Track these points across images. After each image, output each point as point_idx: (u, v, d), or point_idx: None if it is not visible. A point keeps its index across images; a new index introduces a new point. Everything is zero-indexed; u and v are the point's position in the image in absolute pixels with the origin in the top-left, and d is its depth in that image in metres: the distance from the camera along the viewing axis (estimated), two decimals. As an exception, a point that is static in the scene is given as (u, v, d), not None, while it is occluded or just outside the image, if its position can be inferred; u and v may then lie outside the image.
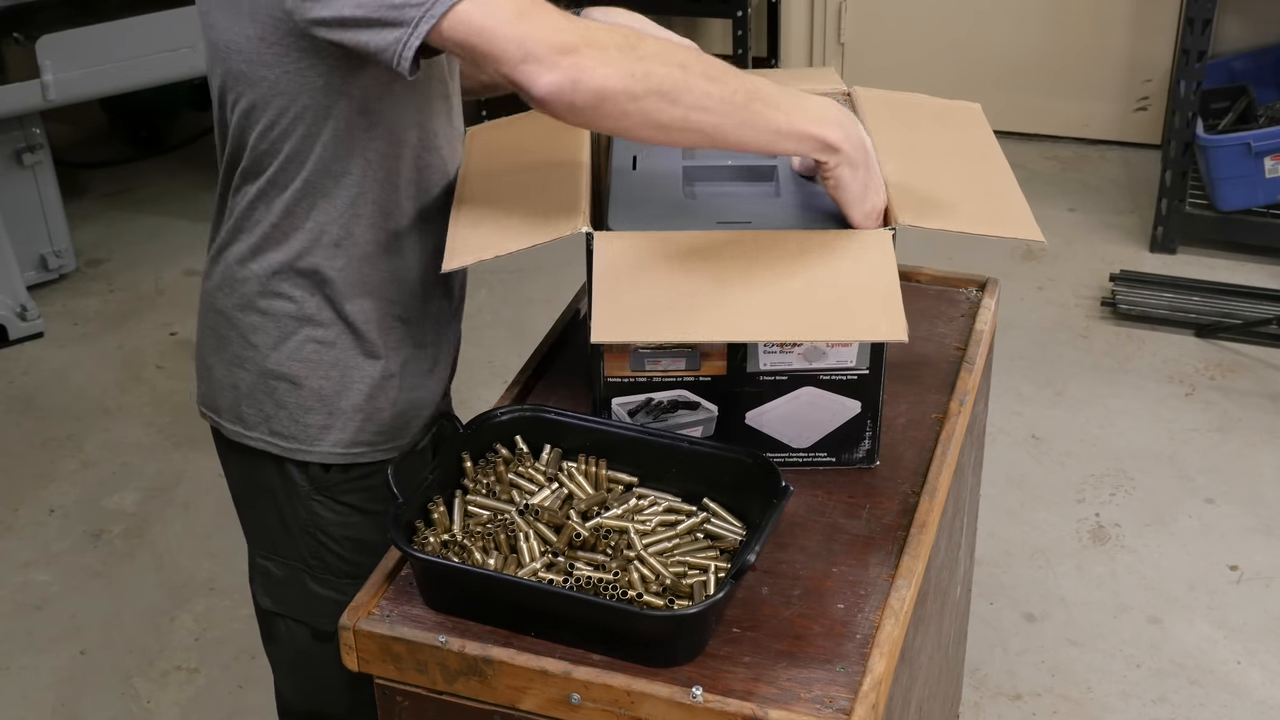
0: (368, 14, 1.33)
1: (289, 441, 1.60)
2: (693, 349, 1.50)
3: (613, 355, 1.51)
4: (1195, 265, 3.72)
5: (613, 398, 1.54)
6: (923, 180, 1.56)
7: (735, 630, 1.36)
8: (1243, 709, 2.46)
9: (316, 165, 1.48)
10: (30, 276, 3.77)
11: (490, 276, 3.75)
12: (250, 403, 1.60)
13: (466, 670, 1.35)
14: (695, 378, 1.52)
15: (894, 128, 1.66)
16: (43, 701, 2.58)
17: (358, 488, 1.63)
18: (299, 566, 1.67)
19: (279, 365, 1.57)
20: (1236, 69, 3.94)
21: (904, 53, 4.45)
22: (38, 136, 3.66)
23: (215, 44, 1.46)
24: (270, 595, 1.72)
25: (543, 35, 1.31)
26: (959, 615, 2.09)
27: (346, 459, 1.61)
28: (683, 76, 1.34)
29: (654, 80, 1.33)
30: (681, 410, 1.54)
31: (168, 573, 2.87)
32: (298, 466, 1.61)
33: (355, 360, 1.58)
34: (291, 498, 1.64)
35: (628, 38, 1.34)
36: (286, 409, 1.59)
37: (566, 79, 1.31)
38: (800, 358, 1.49)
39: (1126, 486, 2.99)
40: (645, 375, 1.53)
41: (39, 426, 3.33)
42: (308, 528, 1.64)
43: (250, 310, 1.56)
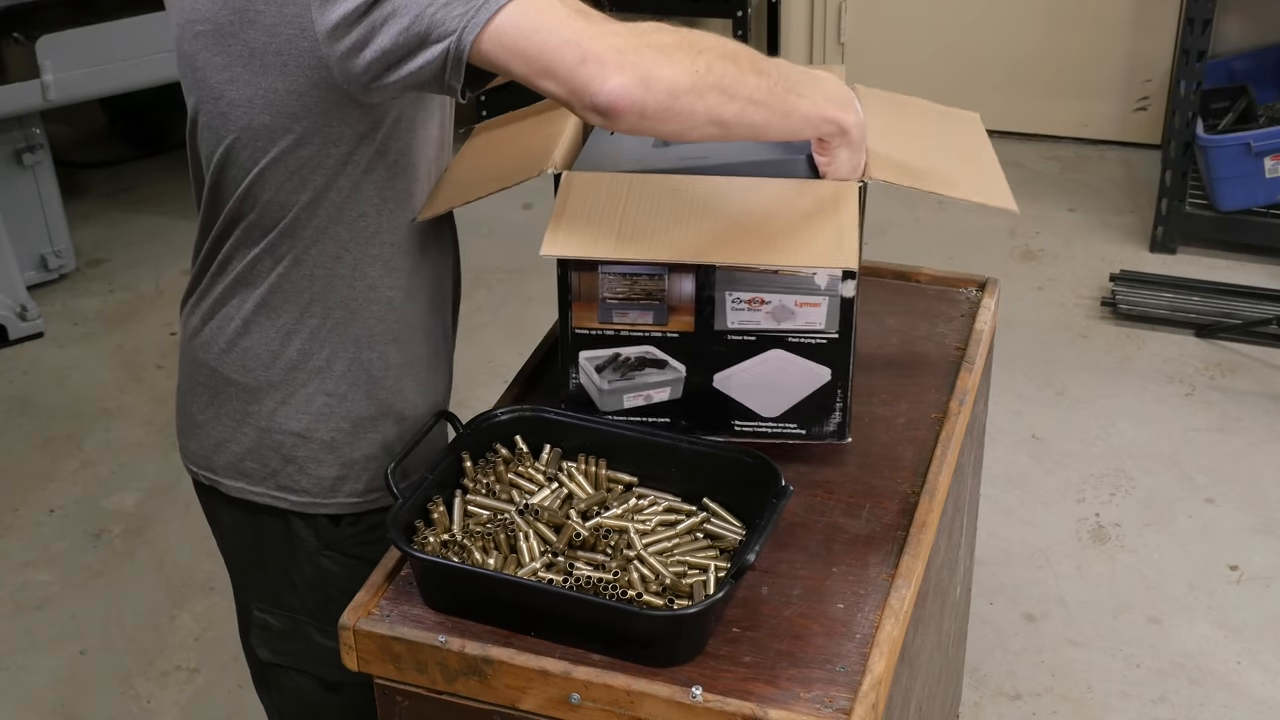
0: (409, 36, 1.28)
1: (299, 495, 1.56)
2: (659, 301, 1.49)
3: (581, 305, 1.51)
4: (1195, 265, 3.72)
5: (580, 350, 1.53)
6: (906, 151, 1.58)
7: (735, 630, 1.36)
8: (1243, 709, 2.46)
9: (333, 214, 1.44)
10: (30, 276, 3.77)
11: (489, 276, 3.74)
12: (254, 458, 1.55)
13: (466, 670, 1.35)
14: (663, 333, 1.51)
15: (889, 114, 1.68)
16: (43, 701, 2.58)
17: (369, 539, 1.58)
18: (304, 620, 1.63)
19: (286, 420, 1.53)
20: (1236, 69, 3.94)
21: (904, 53, 4.45)
22: (38, 136, 3.66)
23: (232, 101, 1.39)
24: (270, 648, 1.68)
25: (601, 34, 1.26)
26: (959, 615, 2.09)
27: (361, 508, 1.58)
28: (737, 71, 1.32)
29: (715, 74, 1.30)
30: (649, 368, 1.53)
31: (168, 573, 2.87)
32: (305, 521, 1.57)
33: (367, 408, 1.55)
34: (297, 553, 1.59)
35: (679, 33, 1.31)
36: (295, 463, 1.54)
37: (637, 78, 1.26)
38: (769, 316, 1.49)
39: (1126, 486, 2.99)
40: (613, 328, 1.52)
41: (39, 426, 3.33)
42: (315, 582, 1.60)
43: (254, 366, 1.52)
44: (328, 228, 1.45)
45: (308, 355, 1.51)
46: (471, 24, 1.26)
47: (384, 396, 1.55)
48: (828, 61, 4.54)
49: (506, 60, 1.29)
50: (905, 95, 1.78)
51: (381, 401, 1.56)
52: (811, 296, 1.48)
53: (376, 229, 1.48)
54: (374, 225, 1.47)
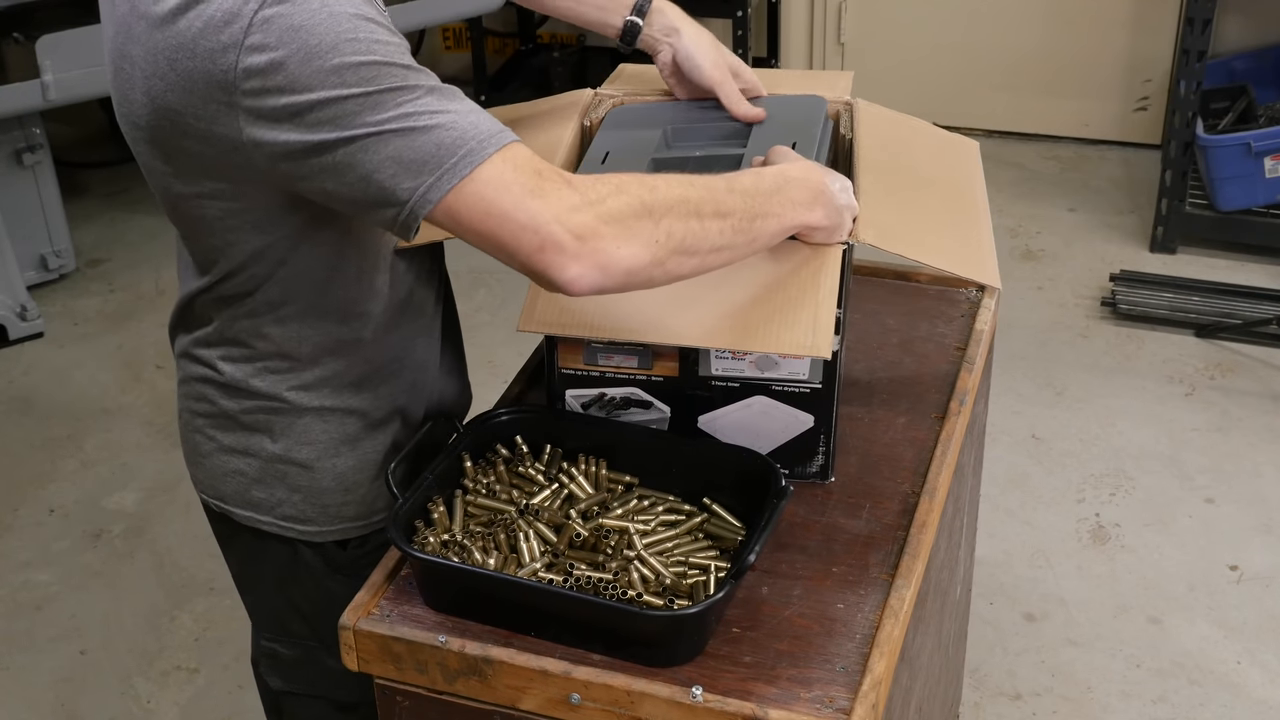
0: (354, 192, 1.25)
1: (305, 525, 1.55)
2: (644, 347, 1.50)
3: (566, 347, 1.52)
4: (1195, 265, 3.72)
5: (567, 389, 1.54)
6: (897, 203, 1.56)
7: (735, 630, 1.36)
8: (1243, 709, 2.46)
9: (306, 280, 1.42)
10: (30, 276, 3.77)
11: (489, 276, 3.74)
12: (261, 488, 1.54)
13: (466, 670, 1.35)
14: (648, 377, 1.52)
15: (885, 147, 1.66)
16: (43, 701, 2.58)
17: (377, 558, 1.54)
18: (314, 645, 1.63)
19: (287, 451, 1.52)
20: (1236, 69, 3.94)
21: (904, 53, 4.45)
22: (38, 136, 3.67)
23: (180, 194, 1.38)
24: (281, 676, 1.68)
25: (556, 214, 1.23)
26: (959, 615, 2.09)
27: (367, 529, 1.57)
28: (699, 225, 1.30)
29: (675, 240, 1.29)
30: (635, 408, 1.54)
31: (168, 573, 2.87)
32: (311, 548, 1.57)
33: (365, 434, 1.53)
34: (303, 580, 1.59)
35: (640, 197, 1.27)
36: (300, 492, 1.54)
37: (595, 265, 1.25)
38: (752, 366, 1.50)
39: (1126, 486, 2.99)
40: (598, 370, 1.53)
41: (39, 426, 3.33)
42: (323, 607, 1.58)
43: (249, 403, 1.50)
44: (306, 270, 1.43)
45: (305, 389, 1.49)
46: (422, 200, 1.24)
47: (383, 422, 1.54)
48: (828, 62, 4.54)
49: (461, 233, 1.27)
50: (905, 116, 1.77)
51: (382, 427, 1.55)
52: (789, 353, 1.46)
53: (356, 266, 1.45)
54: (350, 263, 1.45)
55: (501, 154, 1.24)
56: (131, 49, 1.30)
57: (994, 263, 1.58)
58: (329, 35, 1.21)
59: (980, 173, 1.73)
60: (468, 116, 1.24)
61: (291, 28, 1.20)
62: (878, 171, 1.59)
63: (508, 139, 1.25)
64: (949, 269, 1.54)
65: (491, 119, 1.26)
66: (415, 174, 1.23)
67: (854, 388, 1.71)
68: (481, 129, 1.24)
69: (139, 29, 1.28)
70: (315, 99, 1.21)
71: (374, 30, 1.23)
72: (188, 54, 1.24)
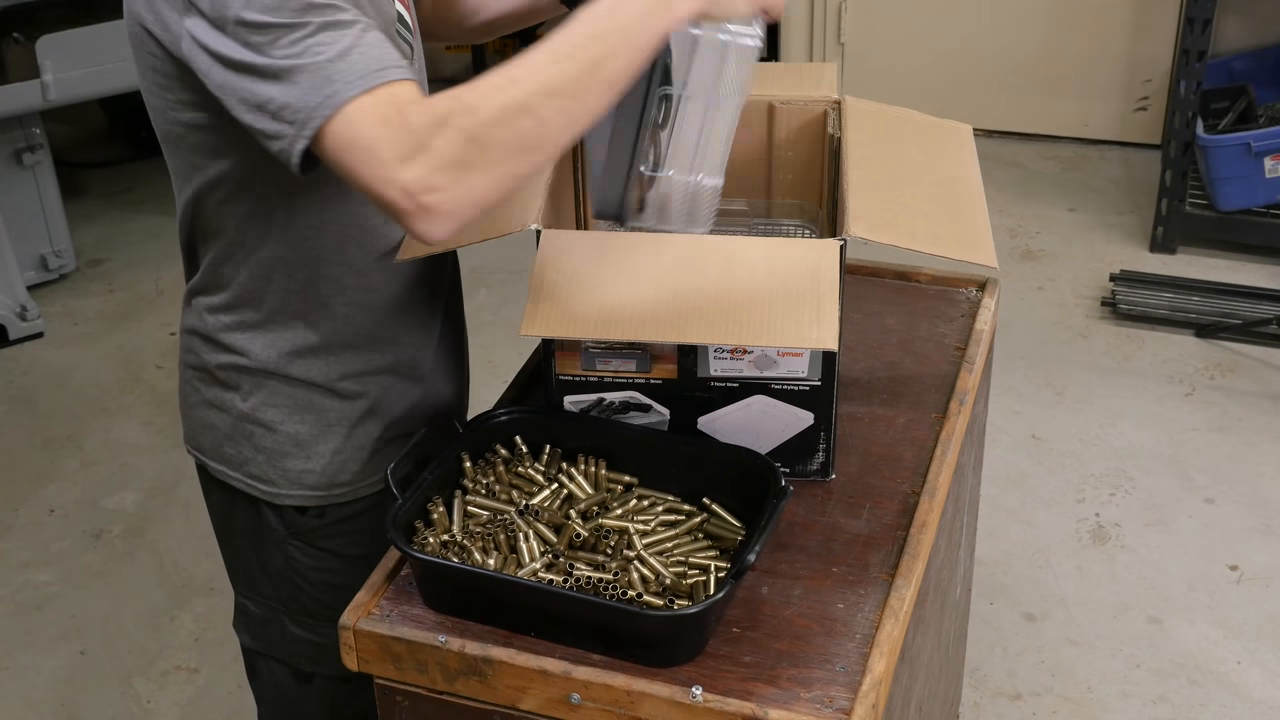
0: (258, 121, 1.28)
1: (266, 485, 1.58)
2: (642, 350, 1.50)
3: (564, 353, 1.52)
4: (1195, 265, 3.72)
5: (565, 395, 1.54)
6: (889, 195, 1.56)
7: (735, 630, 1.36)
8: (1243, 709, 2.46)
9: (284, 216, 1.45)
10: (30, 276, 3.77)
11: (489, 276, 3.74)
12: (231, 444, 1.58)
13: (466, 670, 1.35)
14: (646, 380, 1.52)
15: (874, 141, 1.66)
16: (43, 701, 2.58)
17: (335, 532, 1.60)
18: (277, 608, 1.65)
19: (253, 411, 1.55)
20: (1236, 69, 3.94)
21: (904, 53, 4.45)
22: (38, 136, 3.67)
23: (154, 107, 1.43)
24: (250, 634, 1.70)
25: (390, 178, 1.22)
26: (959, 615, 2.09)
27: (325, 500, 1.59)
28: (532, 122, 1.24)
29: (511, 152, 1.24)
30: (634, 412, 1.54)
31: (168, 573, 2.87)
32: (274, 510, 1.59)
33: (330, 403, 1.56)
34: (267, 541, 1.61)
35: (462, 127, 1.21)
36: (264, 453, 1.57)
37: (438, 217, 1.23)
38: (751, 365, 1.49)
39: (1126, 486, 2.99)
40: (596, 375, 1.53)
41: (39, 426, 3.33)
42: (284, 571, 1.62)
43: (224, 357, 1.54)
44: (282, 232, 1.46)
45: (273, 348, 1.53)
46: (289, 151, 1.26)
47: (352, 396, 1.56)
48: (828, 62, 4.54)
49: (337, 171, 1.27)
50: (894, 108, 1.76)
51: (350, 401, 1.56)
52: (794, 347, 1.47)
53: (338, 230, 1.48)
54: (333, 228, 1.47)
55: (355, 104, 1.22)
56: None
57: (990, 243, 1.55)
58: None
59: (974, 156, 1.71)
60: (347, 54, 1.24)
61: None
62: (867, 165, 1.59)
63: (357, 89, 1.23)
64: (943, 254, 1.52)
65: (368, 54, 1.25)
66: (280, 119, 1.25)
67: (854, 387, 1.71)
68: (353, 69, 1.23)
69: None
70: (231, 15, 1.25)
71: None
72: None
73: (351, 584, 1.47)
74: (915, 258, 1.58)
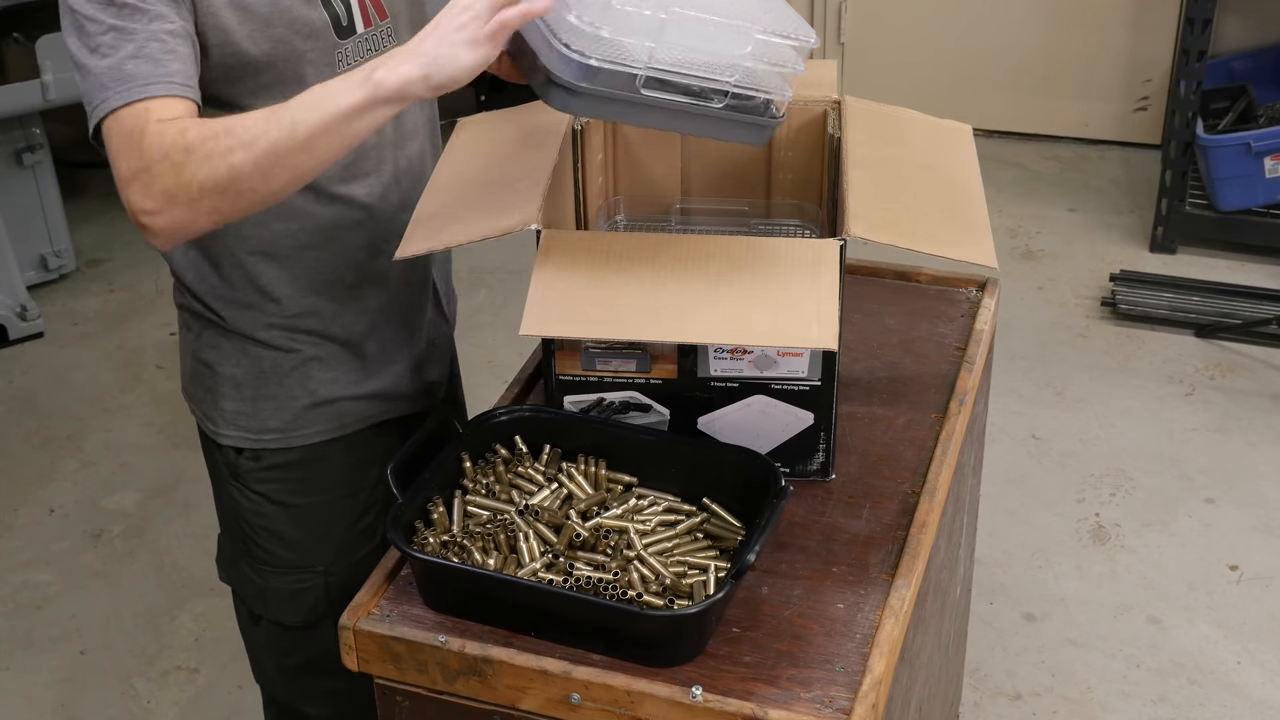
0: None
1: (211, 424, 1.67)
2: (642, 350, 1.50)
3: (564, 353, 1.52)
4: (1195, 265, 3.72)
5: (565, 395, 1.54)
6: (889, 195, 1.55)
7: (735, 630, 1.36)
8: (1243, 709, 2.46)
9: None
10: (30, 276, 3.77)
11: (489, 276, 3.74)
12: (194, 386, 1.70)
13: (466, 670, 1.35)
14: (646, 380, 1.52)
15: (874, 141, 1.66)
16: (43, 701, 2.58)
17: (269, 478, 1.67)
18: (237, 547, 1.74)
19: (200, 352, 1.66)
20: (1236, 69, 3.94)
21: (904, 53, 4.45)
22: (38, 136, 3.66)
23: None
24: (224, 570, 1.80)
25: (121, 189, 1.39)
26: (959, 615, 2.09)
27: (256, 444, 1.66)
28: (233, 175, 1.35)
29: (210, 192, 1.36)
30: (634, 412, 1.55)
31: (168, 573, 2.87)
32: (218, 449, 1.68)
33: (262, 352, 1.63)
34: (219, 480, 1.71)
35: (176, 161, 1.35)
36: (211, 393, 1.67)
37: (154, 233, 1.40)
38: (751, 365, 1.50)
39: (1126, 486, 2.99)
40: (596, 375, 1.53)
41: (39, 426, 3.33)
42: (231, 512, 1.72)
43: (182, 299, 1.66)
44: None
45: (214, 295, 1.61)
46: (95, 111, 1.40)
47: (283, 348, 1.63)
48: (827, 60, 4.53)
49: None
50: (894, 108, 1.76)
51: (281, 353, 1.63)
52: (794, 346, 1.47)
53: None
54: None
55: (115, 115, 1.38)
56: None
57: (989, 244, 1.55)
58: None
59: (974, 156, 1.71)
60: (122, 64, 1.37)
61: None
62: (866, 165, 1.59)
63: (118, 101, 1.37)
64: (943, 254, 1.52)
65: (140, 67, 1.38)
66: (84, 98, 1.41)
67: (854, 387, 1.71)
68: (125, 78, 1.37)
69: None
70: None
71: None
72: None
73: (286, 533, 1.64)
74: (915, 257, 1.58)
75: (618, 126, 1.79)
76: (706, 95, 1.37)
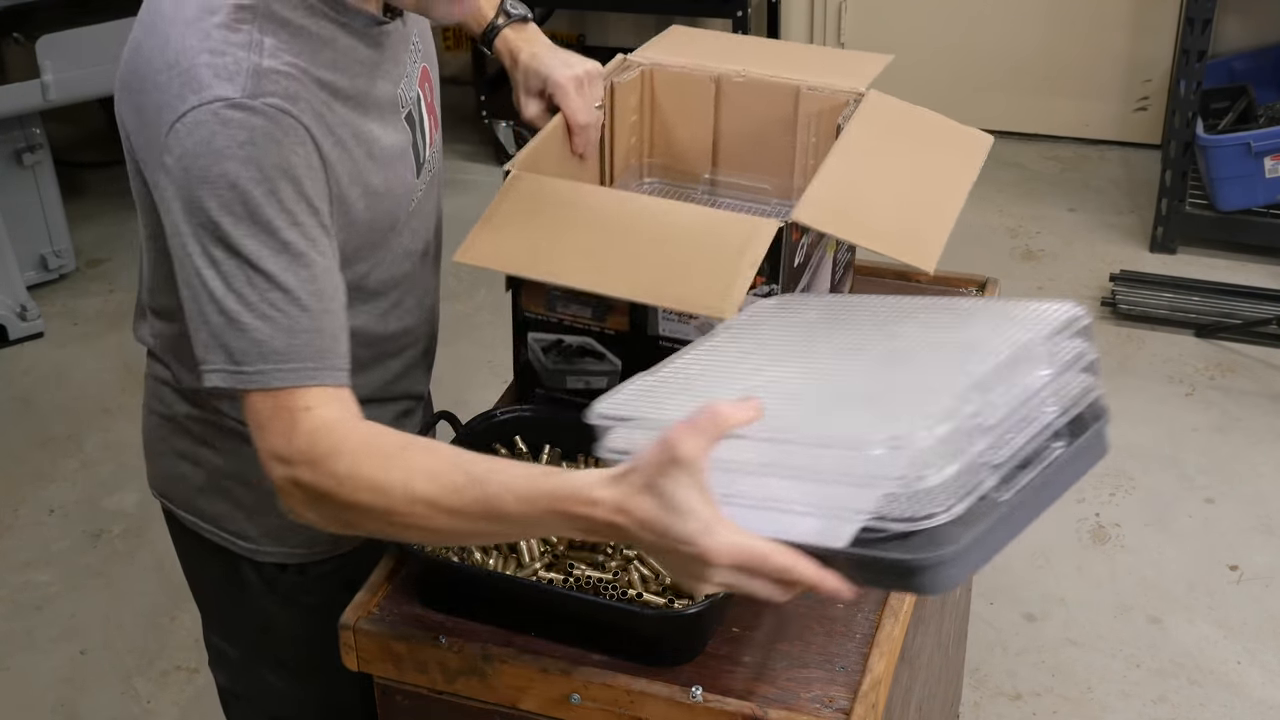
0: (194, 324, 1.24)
1: (245, 542, 1.53)
2: (597, 300, 1.55)
3: (530, 291, 1.59)
4: (1195, 265, 3.72)
5: (529, 332, 1.61)
6: (850, 187, 1.56)
7: (735, 630, 1.36)
8: (1243, 709, 2.46)
9: None
10: (30, 276, 3.77)
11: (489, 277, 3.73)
12: (205, 498, 1.53)
13: (466, 670, 1.35)
14: (601, 329, 1.57)
15: (873, 136, 1.67)
16: (43, 701, 2.58)
17: (316, 587, 1.55)
18: (255, 656, 1.62)
19: (231, 467, 1.49)
20: (1236, 69, 3.94)
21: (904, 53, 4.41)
22: (38, 136, 3.66)
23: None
24: (227, 675, 1.68)
25: (264, 461, 1.23)
26: (959, 615, 2.09)
27: (307, 558, 1.54)
28: (380, 526, 1.20)
29: (348, 525, 1.22)
30: (589, 358, 1.59)
31: (168, 573, 2.87)
32: (252, 566, 1.54)
33: None
34: (244, 594, 1.57)
35: (321, 482, 1.19)
36: (243, 509, 1.51)
37: (294, 515, 1.24)
38: (696, 330, 1.52)
39: (1126, 486, 2.99)
40: (558, 316, 1.58)
41: (39, 426, 3.33)
42: (262, 624, 1.58)
43: (198, 411, 1.49)
44: None
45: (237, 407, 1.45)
46: (206, 374, 1.24)
47: None
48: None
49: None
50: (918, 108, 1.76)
51: None
52: (690, 310, 1.48)
53: None
54: None
55: (271, 393, 1.21)
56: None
57: (936, 251, 1.51)
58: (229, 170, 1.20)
59: (977, 166, 1.70)
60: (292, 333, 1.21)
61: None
62: (849, 155, 1.60)
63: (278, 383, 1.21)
64: (881, 250, 1.50)
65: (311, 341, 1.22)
66: (211, 348, 1.23)
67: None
68: (289, 353, 1.21)
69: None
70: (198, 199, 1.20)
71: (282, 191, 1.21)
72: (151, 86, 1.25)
73: (331, 636, 1.41)
74: (915, 257, 1.57)
75: (653, 90, 1.82)
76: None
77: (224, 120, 1.19)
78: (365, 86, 1.33)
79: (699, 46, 1.88)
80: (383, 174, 1.36)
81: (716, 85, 1.81)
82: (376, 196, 1.36)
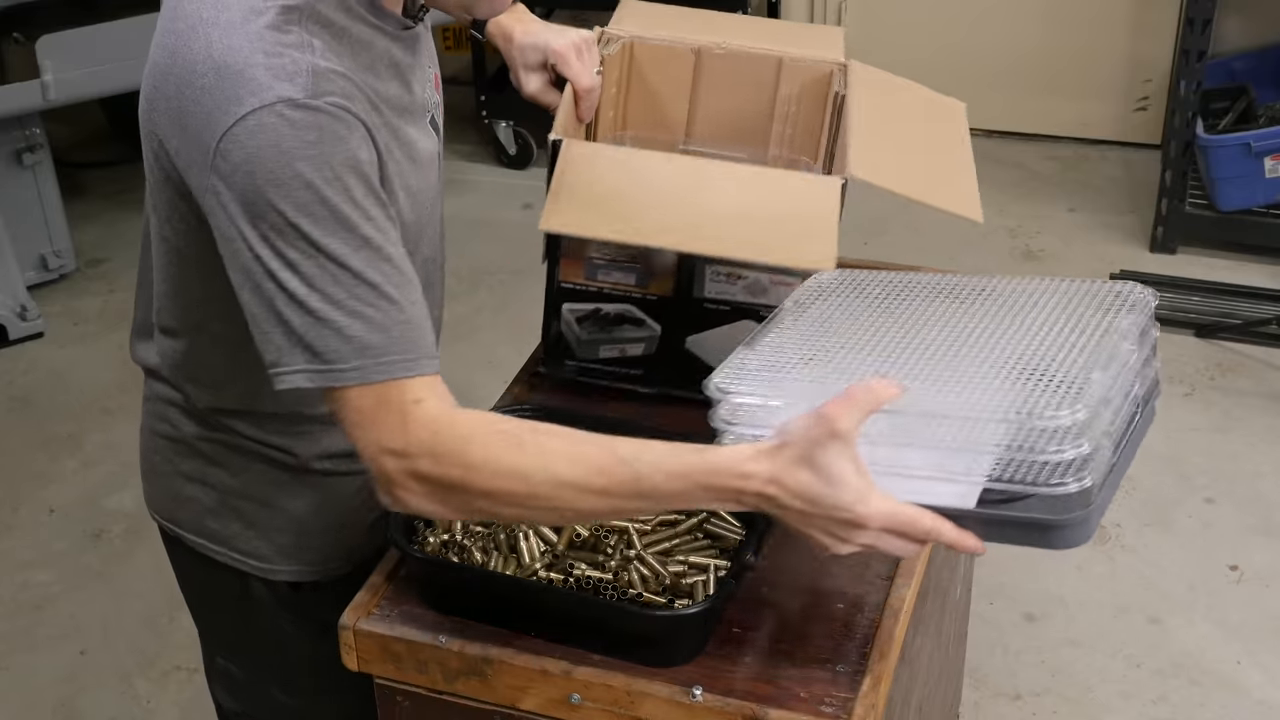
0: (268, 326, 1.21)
1: (259, 561, 1.51)
2: (643, 265, 1.55)
3: (569, 261, 1.57)
4: (1195, 265, 3.72)
5: (564, 303, 1.59)
6: (886, 147, 1.61)
7: (735, 630, 1.36)
8: (1243, 709, 2.46)
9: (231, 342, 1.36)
10: (30, 276, 3.77)
11: (489, 277, 3.74)
12: (215, 519, 1.51)
13: (466, 670, 1.35)
14: (643, 294, 1.57)
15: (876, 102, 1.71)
16: (43, 701, 2.58)
17: (329, 605, 1.49)
18: (264, 674, 1.60)
19: (246, 487, 1.48)
20: (1236, 69, 3.94)
21: (904, 52, 4.43)
22: (38, 136, 3.66)
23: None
24: (234, 696, 1.65)
25: (374, 455, 1.21)
26: (959, 615, 2.09)
27: (322, 575, 1.53)
28: (516, 512, 1.22)
29: (478, 512, 1.24)
30: (627, 325, 1.59)
31: (168, 573, 2.84)
32: (264, 584, 1.53)
33: (326, 480, 1.49)
34: (255, 612, 1.55)
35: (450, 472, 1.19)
36: (256, 528, 1.49)
37: (401, 504, 1.23)
38: (744, 290, 1.54)
39: (1126, 486, 2.98)
40: (596, 285, 1.58)
41: (39, 426, 3.33)
42: (274, 644, 1.57)
43: (208, 432, 1.47)
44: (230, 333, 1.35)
45: (257, 426, 1.45)
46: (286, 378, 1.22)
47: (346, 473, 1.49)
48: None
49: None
50: (896, 77, 1.81)
51: (345, 478, 1.49)
52: (786, 276, 1.53)
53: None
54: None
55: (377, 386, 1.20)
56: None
57: (977, 202, 1.62)
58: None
59: (966, 130, 1.78)
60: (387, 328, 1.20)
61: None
62: (868, 121, 1.64)
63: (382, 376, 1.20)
64: (935, 204, 1.58)
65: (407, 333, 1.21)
66: (294, 349, 1.20)
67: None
68: (389, 347, 1.20)
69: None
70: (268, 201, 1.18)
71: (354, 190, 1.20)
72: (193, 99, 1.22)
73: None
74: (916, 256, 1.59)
75: (634, 64, 1.84)
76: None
77: (290, 121, 1.17)
78: (401, 90, 1.33)
79: (659, 19, 1.88)
80: (419, 178, 1.36)
81: (697, 57, 1.82)
82: (415, 200, 1.35)
